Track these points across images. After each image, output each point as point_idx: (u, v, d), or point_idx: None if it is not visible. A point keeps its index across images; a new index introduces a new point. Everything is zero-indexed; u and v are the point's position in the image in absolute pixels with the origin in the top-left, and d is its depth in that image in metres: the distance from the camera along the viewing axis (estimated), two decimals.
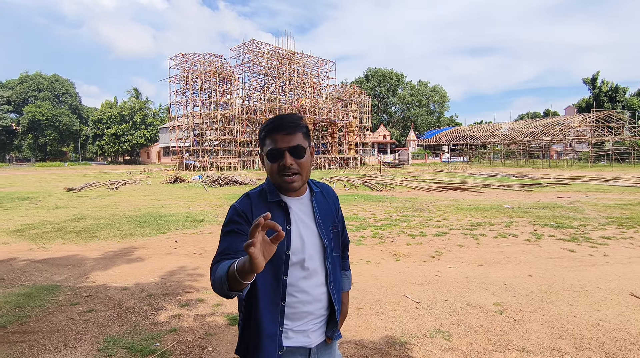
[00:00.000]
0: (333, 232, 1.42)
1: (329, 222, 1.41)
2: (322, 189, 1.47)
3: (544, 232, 7.16)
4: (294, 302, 1.29)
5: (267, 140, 1.29)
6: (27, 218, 9.29)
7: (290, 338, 1.29)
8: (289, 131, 1.27)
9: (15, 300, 3.96)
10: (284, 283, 1.26)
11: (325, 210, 1.42)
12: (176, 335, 3.15)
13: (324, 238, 1.35)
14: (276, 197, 1.31)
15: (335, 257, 1.41)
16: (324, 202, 1.44)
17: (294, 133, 1.28)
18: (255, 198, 1.31)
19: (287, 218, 1.29)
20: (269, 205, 1.29)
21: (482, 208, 10.16)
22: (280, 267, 1.25)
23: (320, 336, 1.37)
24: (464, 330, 3.23)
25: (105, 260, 5.58)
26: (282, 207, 1.30)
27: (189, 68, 38.14)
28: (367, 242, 6.59)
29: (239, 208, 1.27)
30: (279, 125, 1.28)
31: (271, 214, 1.16)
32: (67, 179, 24.31)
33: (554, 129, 41.25)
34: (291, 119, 1.30)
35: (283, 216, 1.29)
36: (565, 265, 5.13)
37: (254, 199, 1.30)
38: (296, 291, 1.29)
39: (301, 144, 1.29)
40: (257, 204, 1.29)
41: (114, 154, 65.58)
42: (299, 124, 1.31)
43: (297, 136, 1.29)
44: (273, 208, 1.29)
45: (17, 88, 65.28)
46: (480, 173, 25.82)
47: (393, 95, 70.28)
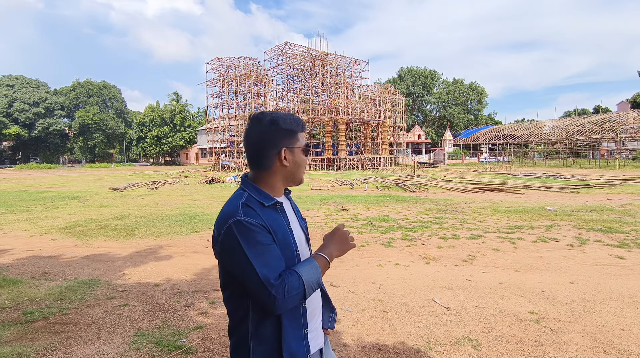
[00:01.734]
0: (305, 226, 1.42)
1: (301, 217, 1.42)
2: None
3: (589, 237, 6.69)
4: (309, 301, 1.27)
5: (300, 135, 1.27)
6: (74, 216, 9.92)
7: (312, 347, 1.26)
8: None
9: (59, 292, 4.22)
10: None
11: (295, 206, 1.43)
12: (202, 332, 3.22)
13: (305, 231, 1.38)
14: (272, 200, 1.25)
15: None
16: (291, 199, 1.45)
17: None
18: (255, 206, 1.19)
19: (285, 218, 1.26)
20: (267, 209, 1.21)
21: (521, 210, 9.66)
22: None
23: (321, 332, 1.36)
24: (495, 339, 3.06)
25: (141, 257, 5.83)
26: (279, 209, 1.26)
27: (224, 71, 39.26)
28: (397, 244, 6.45)
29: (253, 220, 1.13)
30: (304, 123, 1.31)
31: (273, 218, 1.21)
32: (113, 179, 25.75)
33: (605, 126, 38.55)
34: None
35: (282, 218, 1.25)
36: (613, 273, 4.76)
37: (255, 208, 1.18)
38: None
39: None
40: (260, 211, 1.18)
41: (156, 156, 68.76)
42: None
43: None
44: (271, 212, 1.22)
45: (69, 94, 70.09)
46: (521, 174, 24.62)
47: (428, 94, 68.66)
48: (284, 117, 1.25)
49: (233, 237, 1.09)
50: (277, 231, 1.18)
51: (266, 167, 1.25)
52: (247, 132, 1.26)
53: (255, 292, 1.08)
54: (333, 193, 14.81)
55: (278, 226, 1.19)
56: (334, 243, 1.25)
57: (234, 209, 1.14)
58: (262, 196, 1.22)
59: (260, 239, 1.10)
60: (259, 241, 1.10)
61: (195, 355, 2.87)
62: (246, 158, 1.29)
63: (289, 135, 1.24)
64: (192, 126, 65.27)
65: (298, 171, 1.28)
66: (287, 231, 1.22)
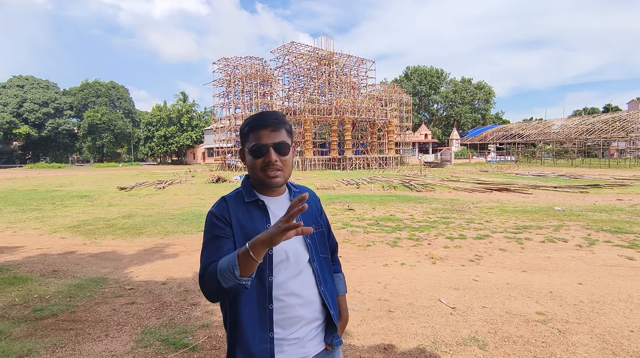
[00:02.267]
0: (317, 232, 1.39)
1: (311, 222, 1.38)
2: (301, 191, 1.45)
3: (598, 237, 6.61)
4: (283, 307, 1.24)
5: (251, 136, 1.27)
6: (83, 215, 10.03)
7: (285, 351, 1.23)
8: (273, 128, 1.27)
9: (68, 290, 4.27)
10: (269, 284, 1.23)
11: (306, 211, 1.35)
12: (208, 330, 3.24)
13: (307, 239, 1.33)
14: (253, 197, 1.30)
15: (322, 258, 1.38)
16: (312, 204, 1.42)
17: (278, 130, 1.28)
18: (232, 200, 1.30)
19: (266, 217, 1.28)
20: (246, 206, 1.28)
21: (529, 210, 9.57)
22: (264, 268, 1.22)
23: (318, 345, 1.32)
24: (502, 339, 3.04)
25: (149, 256, 5.88)
26: (260, 206, 1.29)
27: (231, 71, 39.44)
28: (403, 244, 6.42)
29: (218, 213, 1.26)
30: (264, 121, 1.28)
31: (250, 214, 1.28)
32: (120, 179, 25.99)
33: (615, 125, 38.03)
34: (275, 116, 1.30)
35: (262, 216, 1.28)
36: (623, 274, 4.69)
37: (230, 202, 1.29)
38: (284, 294, 1.25)
39: (285, 141, 1.28)
40: (234, 206, 1.28)
41: (163, 155, 69.29)
42: (283, 121, 1.30)
43: (281, 133, 1.28)
44: (251, 209, 1.28)
45: (78, 95, 70.90)
46: (529, 173, 24.40)
47: (435, 93, 68.27)
48: (249, 119, 1.31)
49: (205, 224, 1.28)
50: (247, 226, 1.25)
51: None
52: None
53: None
54: (339, 193, 14.81)
55: (252, 223, 1.25)
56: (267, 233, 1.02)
57: (215, 203, 1.32)
58: (246, 193, 1.31)
59: (213, 230, 1.22)
60: (212, 231, 1.23)
61: (202, 353, 2.89)
62: None
63: (244, 136, 1.31)
64: (198, 126, 65.68)
65: (253, 171, 1.30)
66: (261, 229, 1.23)
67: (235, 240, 1.22)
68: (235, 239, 1.23)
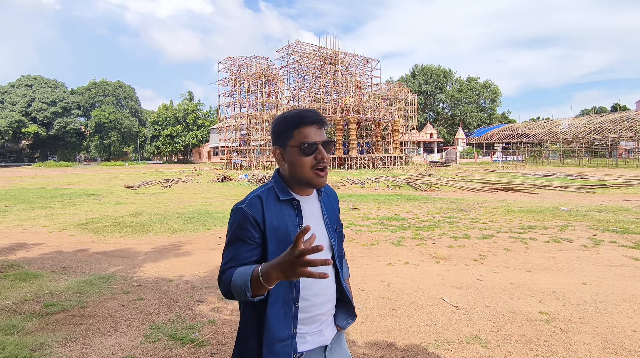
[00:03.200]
0: (338, 232, 1.40)
1: (334, 222, 1.39)
2: (326, 190, 1.44)
3: (604, 237, 6.59)
4: (308, 306, 1.25)
5: (296, 133, 1.23)
6: (91, 213, 10.18)
7: (308, 342, 1.25)
8: (319, 125, 1.25)
9: (77, 286, 4.36)
10: (297, 284, 1.21)
11: (331, 210, 1.40)
12: (214, 326, 3.31)
13: (331, 239, 1.34)
14: (289, 195, 1.26)
15: (339, 257, 1.39)
16: (329, 202, 1.43)
17: (323, 127, 1.27)
18: (266, 197, 1.24)
19: (299, 216, 1.26)
20: (280, 204, 1.24)
21: (534, 210, 9.55)
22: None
23: (333, 329, 1.35)
24: (504, 338, 3.07)
25: (156, 253, 5.97)
26: (294, 205, 1.27)
27: (236, 71, 39.58)
28: (407, 243, 6.46)
29: (250, 213, 1.18)
30: (310, 118, 1.24)
31: (282, 213, 1.24)
32: (127, 177, 26.23)
33: (623, 125, 37.64)
34: (318, 114, 1.27)
35: (295, 216, 1.25)
36: (627, 274, 4.69)
37: (265, 199, 1.23)
38: (310, 295, 1.24)
39: (331, 139, 1.29)
40: (268, 205, 1.22)
41: (169, 154, 69.71)
42: (326, 119, 1.29)
43: (324, 131, 1.28)
44: (284, 207, 1.25)
45: (86, 94, 71.53)
46: (535, 173, 24.24)
47: (440, 92, 67.99)
48: (291, 115, 1.27)
49: (230, 219, 1.23)
50: (280, 227, 1.21)
51: (278, 163, 1.31)
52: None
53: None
54: (344, 192, 14.84)
55: (284, 222, 1.22)
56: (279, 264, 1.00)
57: (246, 197, 1.24)
58: (280, 189, 1.26)
59: (239, 232, 1.18)
60: (237, 232, 1.18)
61: (208, 348, 2.95)
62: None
63: (284, 133, 1.26)
64: (204, 125, 66.00)
65: (302, 170, 1.24)
66: (293, 229, 1.22)
67: (268, 243, 1.19)
68: (268, 242, 1.19)
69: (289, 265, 0.96)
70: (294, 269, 0.96)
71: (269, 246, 1.18)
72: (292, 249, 0.96)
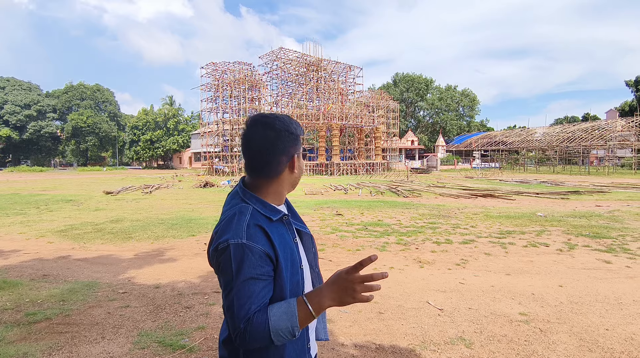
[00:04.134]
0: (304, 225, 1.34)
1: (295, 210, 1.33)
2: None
3: (578, 242, 6.89)
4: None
5: (299, 142, 1.19)
6: (70, 219, 9.91)
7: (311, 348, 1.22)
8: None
9: (60, 294, 4.27)
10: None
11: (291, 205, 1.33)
12: (204, 332, 3.31)
13: (305, 229, 1.27)
14: (279, 212, 1.15)
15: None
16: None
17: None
18: (266, 225, 1.09)
19: (291, 231, 1.18)
20: (275, 225, 1.12)
21: (512, 216, 9.87)
22: (299, 283, 1.14)
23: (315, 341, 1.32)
24: (487, 338, 3.20)
25: (140, 260, 5.89)
26: (285, 221, 1.17)
27: (219, 76, 39.36)
28: (391, 248, 6.58)
29: (257, 248, 1.03)
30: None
31: (280, 232, 1.13)
32: (106, 183, 25.60)
33: (594, 134, 39.28)
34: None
35: (287, 230, 1.16)
36: (600, 277, 4.93)
37: (267, 228, 1.08)
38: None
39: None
40: (272, 231, 1.09)
41: (149, 159, 68.45)
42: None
43: None
44: (279, 226, 1.14)
45: (62, 97, 69.53)
46: (512, 180, 24.99)
47: (421, 100, 69.32)
48: (289, 121, 1.17)
49: (228, 259, 1.02)
50: (285, 249, 1.11)
51: (273, 174, 1.15)
52: (249, 136, 1.14)
53: (228, 318, 1.03)
54: (327, 198, 14.94)
55: (285, 243, 1.12)
56: (333, 291, 0.99)
57: (239, 229, 1.04)
58: (268, 210, 1.12)
59: (252, 271, 1.02)
60: (250, 272, 1.02)
61: (199, 353, 2.96)
62: (246, 164, 1.17)
63: (297, 141, 1.18)
64: (185, 130, 65.16)
65: (300, 176, 1.23)
66: (292, 246, 1.15)
67: (284, 270, 1.08)
68: (284, 270, 1.08)
69: (349, 291, 0.97)
70: (354, 295, 0.97)
71: (285, 272, 1.09)
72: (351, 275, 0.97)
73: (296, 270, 1.14)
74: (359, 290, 0.97)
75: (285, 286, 1.08)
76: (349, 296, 0.98)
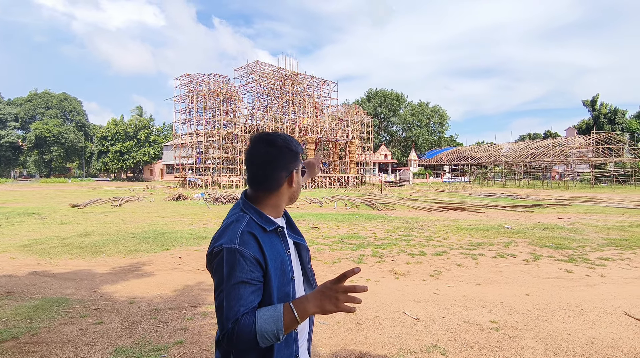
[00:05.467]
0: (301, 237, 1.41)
1: (293, 222, 1.39)
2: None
3: (542, 253, 7.26)
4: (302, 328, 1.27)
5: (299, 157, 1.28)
6: (33, 233, 9.45)
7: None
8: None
9: (26, 312, 4.09)
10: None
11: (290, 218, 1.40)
12: (182, 347, 3.27)
13: (303, 242, 1.35)
14: (273, 224, 1.22)
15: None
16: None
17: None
18: (259, 233, 1.16)
19: (284, 243, 1.24)
20: (269, 235, 1.20)
21: (482, 228, 10.26)
22: (289, 295, 1.19)
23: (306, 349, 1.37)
24: (461, 345, 3.34)
25: (112, 275, 5.71)
26: (279, 233, 1.24)
27: (194, 88, 38.97)
28: (368, 260, 6.70)
29: (247, 253, 1.10)
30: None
31: (273, 243, 1.19)
32: (72, 195, 24.54)
33: (555, 150, 41.54)
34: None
35: (281, 242, 1.23)
36: (563, 285, 5.23)
37: (259, 236, 1.15)
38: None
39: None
40: (263, 240, 1.16)
41: (118, 171, 66.17)
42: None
43: None
44: (272, 237, 1.20)
45: (25, 105, 66.54)
46: (481, 193, 25.93)
47: (394, 115, 71.13)
48: (290, 140, 1.26)
49: (220, 262, 1.09)
50: (275, 258, 1.17)
51: (274, 188, 1.23)
52: (253, 152, 1.23)
53: (218, 318, 1.08)
54: (303, 211, 14.98)
55: (276, 253, 1.18)
56: (317, 298, 1.04)
57: (233, 235, 1.12)
58: (263, 220, 1.20)
59: (243, 275, 1.08)
60: (241, 276, 1.07)
61: None
62: (248, 178, 1.26)
63: (297, 157, 1.26)
64: (157, 142, 63.67)
65: (299, 190, 1.30)
66: (285, 258, 1.20)
67: (272, 278, 1.14)
68: (272, 278, 1.14)
69: (332, 300, 1.02)
70: (337, 304, 1.02)
71: (273, 281, 1.14)
72: (336, 285, 1.03)
73: (287, 281, 1.19)
74: (342, 300, 1.03)
75: (273, 294, 1.13)
76: (331, 305, 1.03)
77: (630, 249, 7.50)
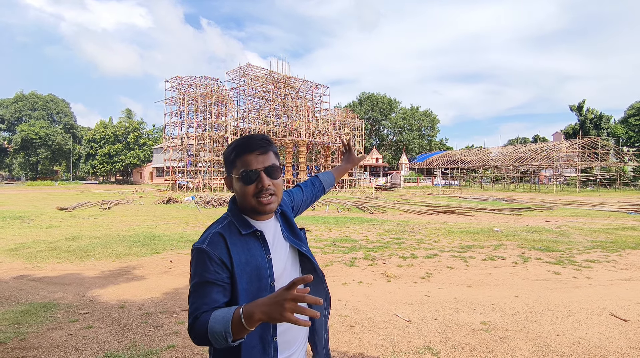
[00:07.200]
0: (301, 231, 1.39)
1: (295, 226, 1.37)
2: (282, 205, 1.39)
3: (531, 255, 7.37)
4: (284, 330, 1.21)
5: (238, 162, 1.19)
6: (20, 237, 9.27)
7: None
8: (262, 151, 1.21)
9: (14, 317, 4.01)
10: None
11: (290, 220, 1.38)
12: (174, 351, 3.25)
13: (300, 247, 1.32)
14: (250, 228, 1.21)
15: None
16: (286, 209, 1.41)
17: (266, 153, 1.21)
18: (228, 233, 1.17)
19: (265, 248, 1.21)
20: (245, 238, 1.19)
21: (472, 231, 10.38)
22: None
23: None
24: (452, 347, 3.38)
25: (101, 279, 5.64)
26: (259, 237, 1.22)
27: (185, 90, 38.74)
28: (359, 263, 6.73)
29: (212, 253, 1.12)
30: (251, 145, 1.20)
31: (249, 246, 1.19)
32: (59, 198, 24.14)
33: (542, 154, 42.23)
34: (262, 138, 1.23)
35: (261, 247, 1.21)
36: (551, 287, 5.32)
37: (227, 237, 1.16)
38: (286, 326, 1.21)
39: (275, 164, 1.22)
40: (233, 241, 1.16)
41: (106, 174, 65.28)
42: (270, 143, 1.24)
43: (270, 156, 1.22)
44: (249, 240, 1.20)
45: (11, 107, 65.39)
46: (471, 197, 26.21)
47: (385, 119, 71.64)
48: (234, 143, 1.24)
49: (192, 261, 1.15)
50: (249, 262, 1.15)
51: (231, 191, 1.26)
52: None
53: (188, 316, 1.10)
54: None
55: (252, 256, 1.17)
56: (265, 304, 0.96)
57: (205, 236, 1.16)
58: (240, 223, 1.21)
59: (205, 274, 1.10)
60: (202, 275, 1.10)
61: None
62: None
63: (230, 162, 1.23)
64: (147, 144, 63.04)
65: (245, 199, 1.21)
66: (262, 262, 1.18)
67: (238, 282, 1.13)
68: (238, 281, 1.13)
69: (278, 307, 0.92)
70: (282, 312, 0.92)
71: (239, 284, 1.12)
72: (285, 291, 0.93)
73: (264, 287, 1.16)
74: (288, 308, 0.92)
75: (239, 297, 1.12)
76: (277, 313, 0.93)
77: (615, 251, 7.66)
